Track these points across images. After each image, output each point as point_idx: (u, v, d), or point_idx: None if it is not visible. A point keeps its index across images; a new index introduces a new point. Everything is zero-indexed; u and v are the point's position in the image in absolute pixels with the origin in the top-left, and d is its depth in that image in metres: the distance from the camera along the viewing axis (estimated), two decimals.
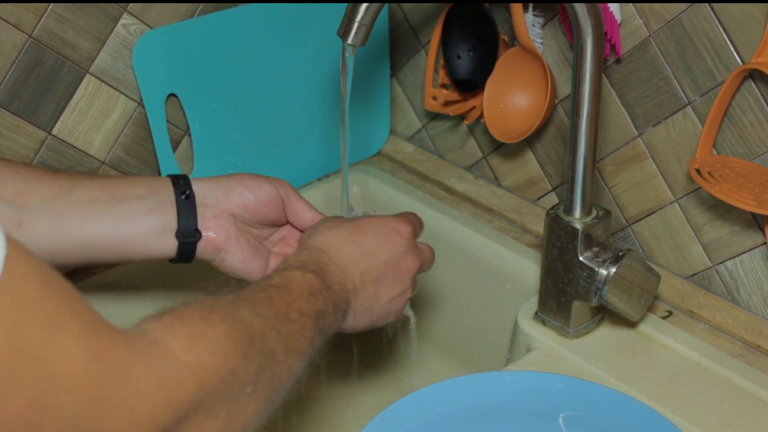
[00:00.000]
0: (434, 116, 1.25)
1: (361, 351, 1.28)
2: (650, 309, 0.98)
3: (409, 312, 0.98)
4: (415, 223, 0.89)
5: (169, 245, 0.87)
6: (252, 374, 0.65)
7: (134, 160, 1.12)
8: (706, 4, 0.91)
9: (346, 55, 0.88)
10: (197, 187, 0.88)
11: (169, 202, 0.86)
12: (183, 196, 0.87)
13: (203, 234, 0.88)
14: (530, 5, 1.04)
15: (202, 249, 0.89)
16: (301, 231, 0.92)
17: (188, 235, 0.87)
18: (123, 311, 1.08)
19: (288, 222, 0.94)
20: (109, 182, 0.86)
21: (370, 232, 0.85)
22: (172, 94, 1.09)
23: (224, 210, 0.89)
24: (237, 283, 0.90)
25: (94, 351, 0.52)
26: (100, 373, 0.52)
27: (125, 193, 0.86)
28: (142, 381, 0.55)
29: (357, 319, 0.83)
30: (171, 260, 0.89)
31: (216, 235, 0.88)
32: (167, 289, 1.10)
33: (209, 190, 0.89)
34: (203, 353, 0.60)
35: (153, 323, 0.60)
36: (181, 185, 0.88)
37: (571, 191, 0.91)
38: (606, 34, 0.96)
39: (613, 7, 0.96)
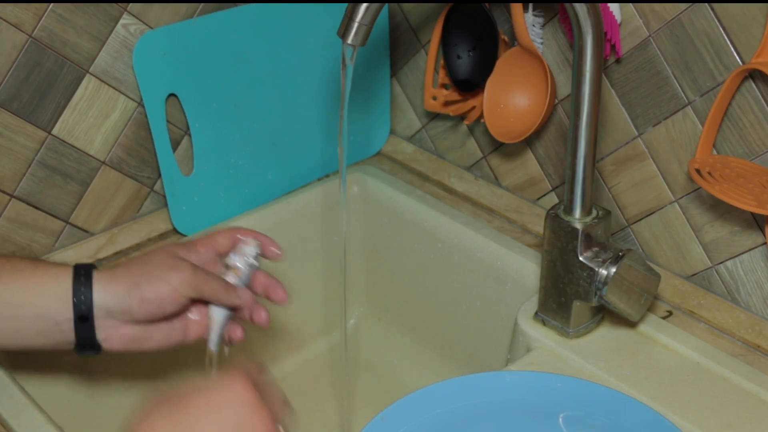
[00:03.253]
0: (434, 116, 1.25)
1: (361, 351, 1.28)
2: (650, 309, 0.98)
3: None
4: (251, 372, 0.74)
5: (67, 350, 0.86)
6: None
7: (134, 160, 1.12)
8: (706, 4, 0.91)
9: (346, 55, 0.87)
10: (99, 296, 0.83)
11: (67, 322, 0.83)
12: (81, 321, 0.83)
13: (104, 346, 0.85)
14: (530, 5, 1.04)
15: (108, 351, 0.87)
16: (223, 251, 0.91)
17: (87, 349, 0.85)
18: None
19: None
20: (6, 287, 0.82)
21: (201, 416, 0.70)
22: (172, 94, 1.09)
23: (126, 321, 0.85)
24: None
25: None
26: None
27: (21, 302, 0.82)
28: None
29: None
30: None
31: (120, 344, 0.86)
32: None
33: (110, 300, 0.83)
34: None
35: None
36: (83, 309, 0.83)
37: (571, 191, 0.91)
38: (606, 34, 0.96)
39: (613, 7, 0.96)
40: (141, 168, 1.13)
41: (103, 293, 0.83)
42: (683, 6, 0.93)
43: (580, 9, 0.83)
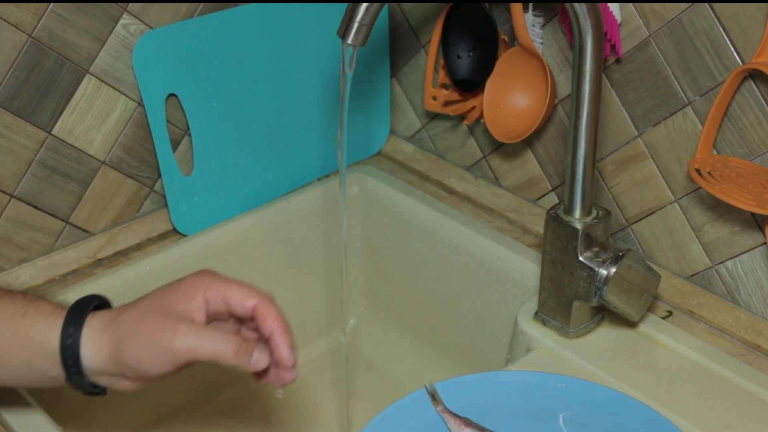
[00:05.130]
0: (434, 116, 1.25)
1: (361, 351, 1.28)
2: (650, 309, 0.98)
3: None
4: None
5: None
6: None
7: (134, 160, 1.12)
8: (706, 4, 0.91)
9: (346, 56, 0.87)
10: (87, 359, 0.76)
11: (61, 377, 0.77)
12: (76, 378, 0.77)
13: (110, 391, 0.80)
14: (530, 5, 1.04)
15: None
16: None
17: (93, 395, 0.80)
18: None
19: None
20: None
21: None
22: (172, 94, 1.09)
23: (124, 377, 0.78)
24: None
25: None
26: None
27: (11, 356, 0.77)
28: None
29: None
30: None
31: (128, 389, 0.79)
32: None
33: (98, 364, 0.76)
34: None
35: None
36: (73, 371, 0.76)
37: (571, 191, 0.91)
38: (606, 34, 0.96)
39: (613, 7, 0.96)
40: (141, 168, 1.13)
41: (90, 356, 0.76)
42: (683, 6, 0.93)
43: (580, 9, 0.83)
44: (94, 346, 0.76)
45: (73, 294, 1.04)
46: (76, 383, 0.78)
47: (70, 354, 0.76)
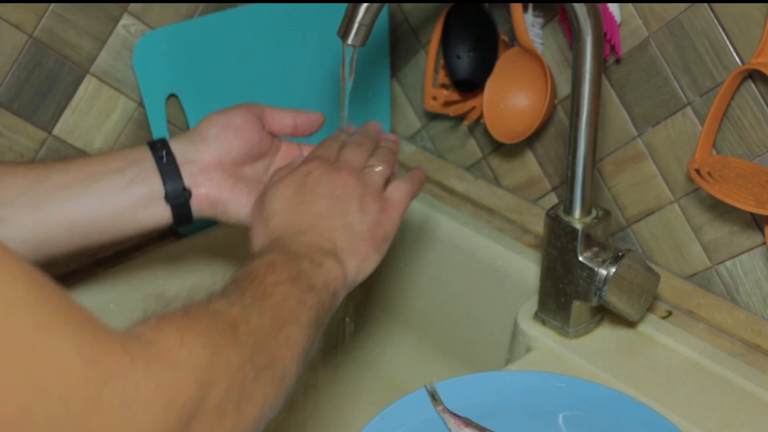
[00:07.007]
0: (434, 116, 1.25)
1: (361, 351, 1.28)
2: (650, 309, 0.98)
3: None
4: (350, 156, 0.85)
5: (160, 212, 0.85)
6: (248, 358, 0.63)
7: None
8: (706, 4, 0.91)
9: (347, 58, 0.87)
10: (176, 146, 0.86)
11: (150, 168, 0.84)
12: (163, 159, 0.84)
13: (193, 191, 0.85)
14: (530, 5, 1.05)
15: (199, 207, 0.86)
16: (290, 135, 0.91)
17: (178, 197, 0.84)
18: (122, 311, 1.08)
19: (275, 137, 0.91)
20: (85, 162, 0.84)
21: (319, 194, 0.81)
22: (172, 95, 1.09)
23: (209, 161, 0.86)
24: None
25: (90, 355, 0.50)
26: (97, 379, 0.50)
27: (102, 169, 0.83)
28: (141, 385, 0.52)
29: (359, 255, 0.79)
30: (172, 227, 0.87)
31: (208, 190, 0.86)
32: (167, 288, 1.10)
33: (187, 145, 0.86)
34: (195, 347, 0.58)
35: (141, 326, 0.58)
36: (159, 148, 0.85)
37: (571, 191, 0.91)
38: (606, 34, 0.96)
39: (613, 8, 0.96)
40: None
41: (176, 139, 0.87)
42: (683, 6, 0.93)
43: (580, 9, 0.83)
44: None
45: (73, 294, 1.04)
46: (165, 169, 0.84)
47: (156, 141, 0.86)
